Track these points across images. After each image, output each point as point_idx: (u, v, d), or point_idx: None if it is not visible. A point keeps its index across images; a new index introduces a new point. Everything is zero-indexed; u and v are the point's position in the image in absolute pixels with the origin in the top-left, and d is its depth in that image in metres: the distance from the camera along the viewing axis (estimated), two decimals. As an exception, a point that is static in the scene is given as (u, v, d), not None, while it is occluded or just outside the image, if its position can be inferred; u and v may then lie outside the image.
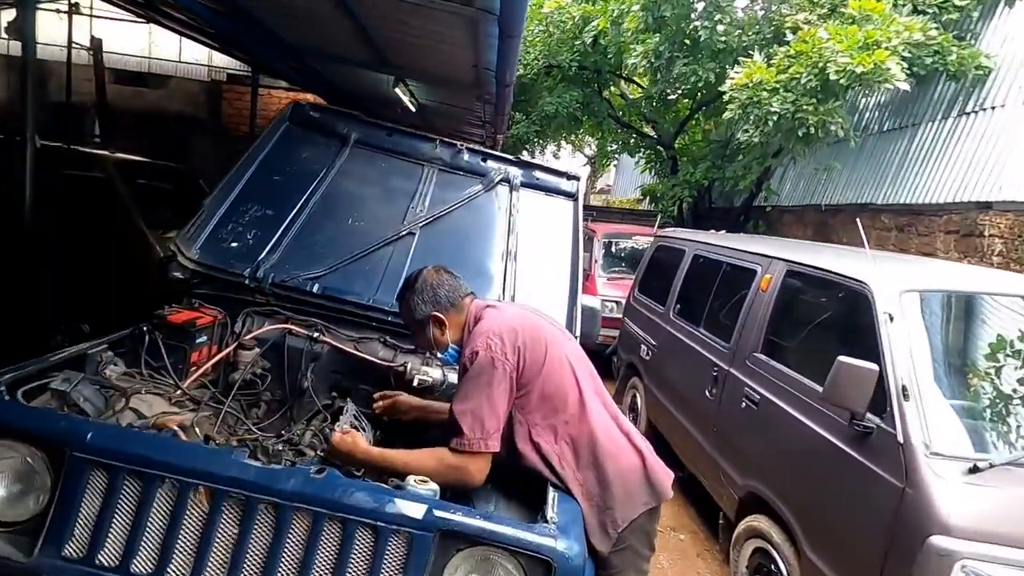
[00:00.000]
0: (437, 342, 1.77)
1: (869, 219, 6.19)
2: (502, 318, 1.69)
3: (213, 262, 2.25)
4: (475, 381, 1.58)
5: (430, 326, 1.75)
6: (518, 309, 1.82)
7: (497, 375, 1.57)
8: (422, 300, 1.75)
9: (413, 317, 1.77)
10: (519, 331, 1.64)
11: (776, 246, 3.45)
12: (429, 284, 1.76)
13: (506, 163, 2.78)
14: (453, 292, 1.78)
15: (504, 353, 1.59)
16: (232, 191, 2.43)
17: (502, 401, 1.58)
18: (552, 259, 2.60)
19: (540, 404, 1.63)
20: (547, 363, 1.64)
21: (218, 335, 2.16)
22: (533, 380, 1.62)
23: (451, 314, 1.76)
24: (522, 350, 1.62)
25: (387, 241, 2.46)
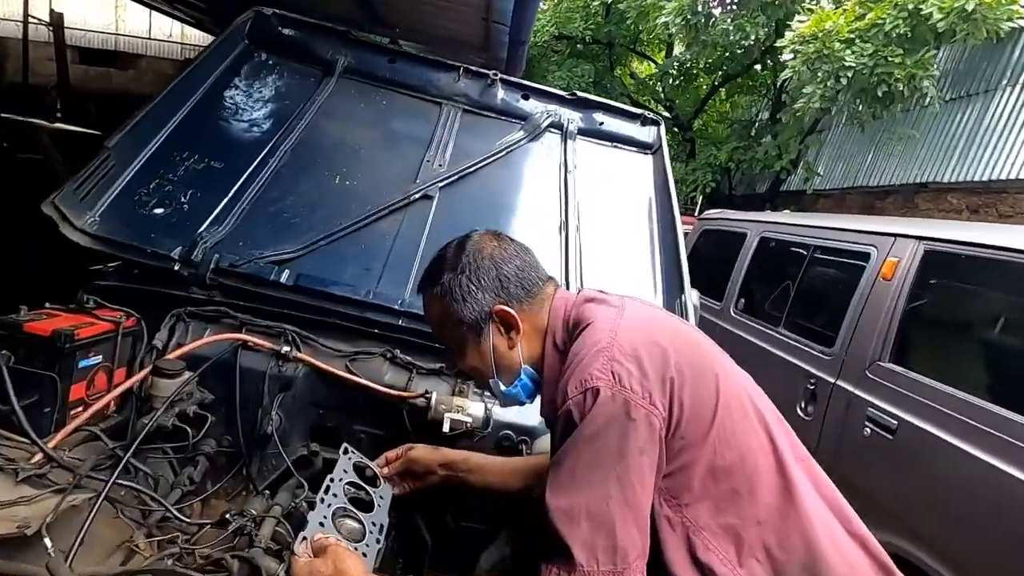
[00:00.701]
0: (499, 361, 1.00)
1: (931, 200, 5.47)
2: (629, 321, 0.91)
3: (121, 236, 1.44)
4: (591, 448, 0.81)
5: (488, 331, 0.98)
6: (644, 305, 1.03)
7: (635, 436, 0.80)
8: (475, 282, 0.97)
9: (456, 315, 0.99)
10: (666, 347, 0.87)
11: (898, 223, 2.68)
12: (486, 255, 0.99)
13: (556, 101, 1.99)
14: (527, 270, 1.01)
15: (646, 390, 0.82)
16: (156, 132, 1.62)
17: (644, 487, 0.81)
18: (631, 234, 1.82)
19: (709, 487, 0.85)
20: (720, 408, 0.86)
21: (125, 352, 1.35)
22: (698, 443, 0.85)
23: (526, 309, 0.99)
24: (677, 382, 0.84)
25: (392, 207, 1.66)
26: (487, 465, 1.23)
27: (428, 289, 1.02)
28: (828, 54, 3.84)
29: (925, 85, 3.90)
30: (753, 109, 8.18)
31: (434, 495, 1.27)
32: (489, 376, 1.01)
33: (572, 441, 0.82)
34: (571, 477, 0.81)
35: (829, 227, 2.91)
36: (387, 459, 1.21)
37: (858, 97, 4.18)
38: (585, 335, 0.90)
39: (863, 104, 4.26)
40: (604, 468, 0.79)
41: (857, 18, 3.89)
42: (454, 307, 0.98)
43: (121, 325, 1.29)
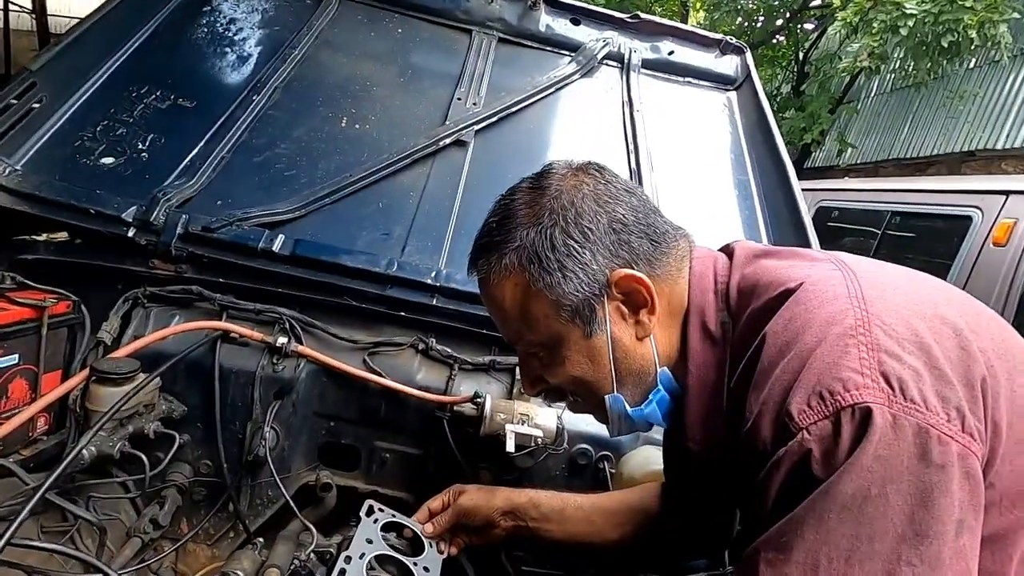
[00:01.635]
0: (624, 364, 0.62)
1: (980, 168, 5.06)
2: (872, 283, 0.52)
3: (56, 194, 1.05)
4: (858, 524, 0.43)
5: (604, 316, 0.60)
6: (874, 263, 0.64)
7: (948, 497, 0.42)
8: (576, 239, 0.59)
9: (549, 298, 0.60)
10: (960, 325, 0.49)
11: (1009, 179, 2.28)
12: (587, 196, 0.61)
13: (615, 25, 1.60)
14: (650, 218, 0.63)
15: (951, 408, 0.43)
16: (108, 59, 1.23)
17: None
18: (718, 189, 1.43)
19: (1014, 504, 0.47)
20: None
21: (55, 349, 0.97)
22: (1019, 497, 0.46)
23: (659, 274, 0.60)
24: (988, 390, 0.46)
25: (416, 155, 1.28)
26: (567, 510, 0.85)
27: (493, 259, 0.62)
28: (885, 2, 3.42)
29: (1002, 31, 3.47)
30: (774, 82, 7.76)
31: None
32: (606, 390, 0.63)
33: (813, 511, 0.44)
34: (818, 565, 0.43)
35: (911, 189, 2.50)
36: (430, 511, 0.83)
37: (914, 52, 3.76)
38: (797, 304, 0.51)
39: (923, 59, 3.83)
40: (885, 563, 0.41)
41: (920, -37, 3.49)
42: (545, 280, 0.59)
43: (46, 311, 0.91)
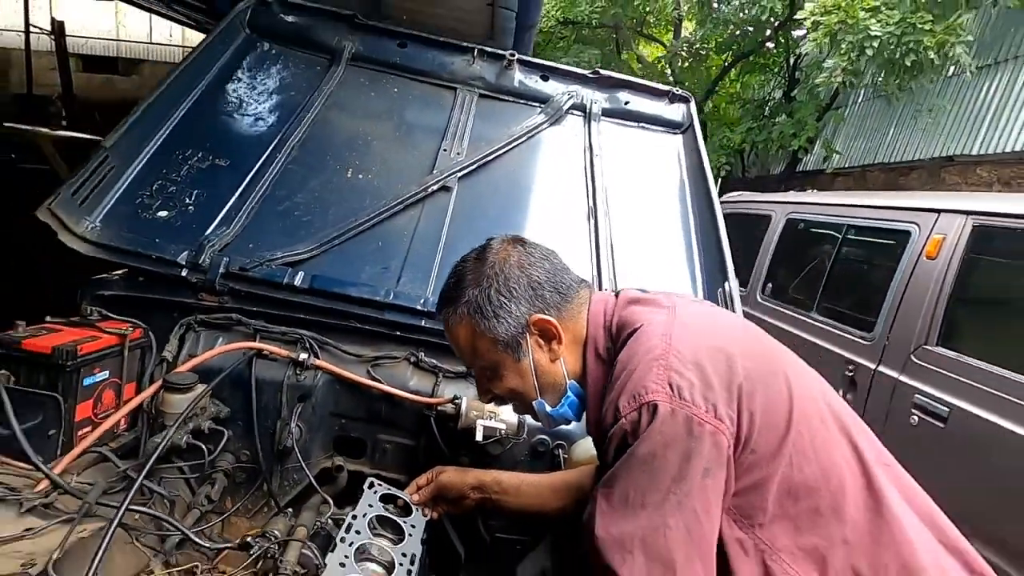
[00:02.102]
0: (542, 377, 0.90)
1: (959, 174, 5.27)
2: (683, 324, 0.80)
3: (124, 243, 1.35)
4: (648, 472, 0.71)
5: (527, 346, 0.87)
6: (700, 305, 0.93)
7: (700, 457, 0.70)
8: (506, 295, 0.87)
9: (488, 335, 0.89)
10: (731, 351, 0.77)
11: (940, 198, 2.53)
12: (513, 264, 0.89)
13: (578, 81, 1.87)
14: (559, 275, 0.91)
15: (709, 404, 0.71)
16: (158, 130, 1.52)
17: (710, 517, 0.71)
18: (663, 220, 1.70)
19: (787, 505, 0.75)
20: (795, 416, 0.76)
21: (133, 367, 1.26)
22: (771, 457, 0.74)
23: (564, 317, 0.89)
24: (743, 393, 0.73)
25: (409, 200, 1.56)
26: (522, 486, 1.13)
27: (450, 310, 0.91)
28: (852, 24, 3.67)
29: (958, 52, 3.72)
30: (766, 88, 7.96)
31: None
32: (532, 397, 0.91)
33: (625, 463, 0.72)
34: (624, 503, 0.71)
35: (864, 205, 2.76)
36: (417, 485, 1.11)
37: (884, 68, 4.00)
38: (634, 341, 0.79)
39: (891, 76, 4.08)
40: (662, 494, 0.69)
41: (881, -15, 3.73)
42: (484, 325, 0.87)
43: (127, 337, 1.20)
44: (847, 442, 0.78)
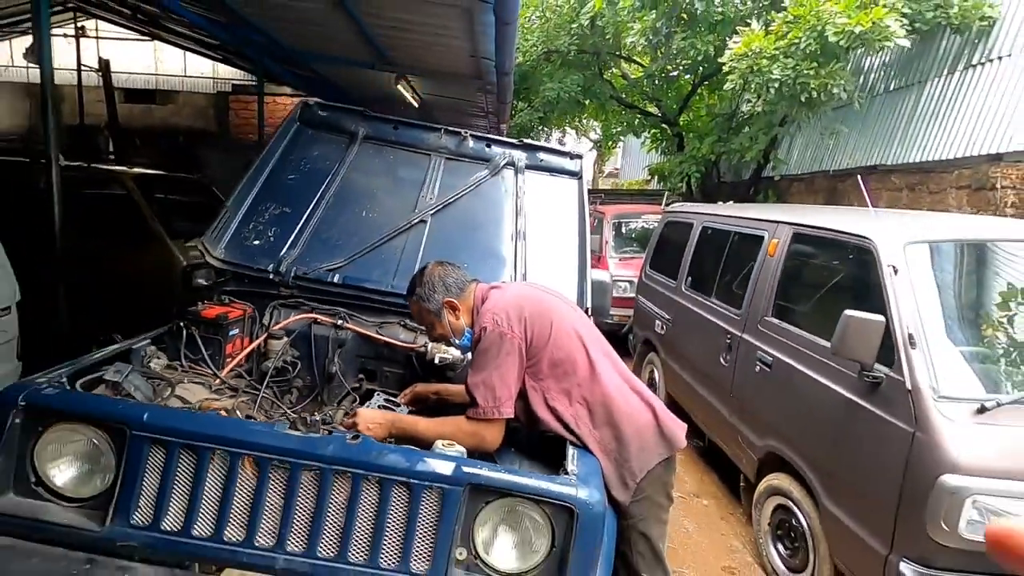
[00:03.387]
0: (453, 328, 1.86)
1: (879, 181, 6.15)
2: (506, 296, 1.78)
3: (239, 260, 2.38)
4: (485, 354, 1.68)
5: (444, 313, 1.85)
6: (521, 287, 1.91)
7: (505, 347, 1.67)
8: (432, 291, 1.85)
9: (427, 309, 1.86)
10: (524, 306, 1.74)
11: (781, 211, 3.48)
12: (436, 275, 1.87)
13: (510, 147, 2.86)
14: (459, 279, 1.89)
15: (510, 326, 1.69)
16: (251, 192, 2.55)
17: (512, 370, 1.68)
18: (560, 237, 2.68)
19: (552, 371, 1.73)
20: (554, 332, 1.73)
21: (248, 328, 2.29)
22: (542, 349, 1.72)
23: (461, 299, 1.86)
24: (528, 322, 1.71)
25: (400, 230, 2.56)
26: (457, 393, 2.11)
27: (409, 297, 1.91)
28: (757, 69, 4.60)
29: (836, 92, 4.65)
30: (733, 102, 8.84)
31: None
32: (450, 337, 1.90)
33: (477, 353, 1.71)
34: (477, 368, 1.69)
35: (741, 216, 3.72)
36: (403, 395, 2.11)
37: (788, 103, 4.93)
38: (485, 304, 1.78)
39: (793, 109, 5.01)
40: (490, 362, 1.67)
41: (779, 38, 4.64)
42: (424, 304, 1.86)
43: (246, 312, 2.23)
44: (580, 343, 1.75)
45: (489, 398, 1.64)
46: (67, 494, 1.43)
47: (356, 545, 1.40)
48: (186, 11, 5.38)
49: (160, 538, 1.37)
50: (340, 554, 1.39)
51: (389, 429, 1.70)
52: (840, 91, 4.65)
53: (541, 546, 1.44)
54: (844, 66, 4.60)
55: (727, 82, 5.03)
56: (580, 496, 1.43)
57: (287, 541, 1.39)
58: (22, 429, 1.41)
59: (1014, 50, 4.74)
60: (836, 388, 2.46)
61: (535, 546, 1.44)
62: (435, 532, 1.41)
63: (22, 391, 1.42)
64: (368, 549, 1.40)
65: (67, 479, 1.44)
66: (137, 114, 12.04)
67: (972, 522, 1.92)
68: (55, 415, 1.42)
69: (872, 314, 2.19)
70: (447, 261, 1.93)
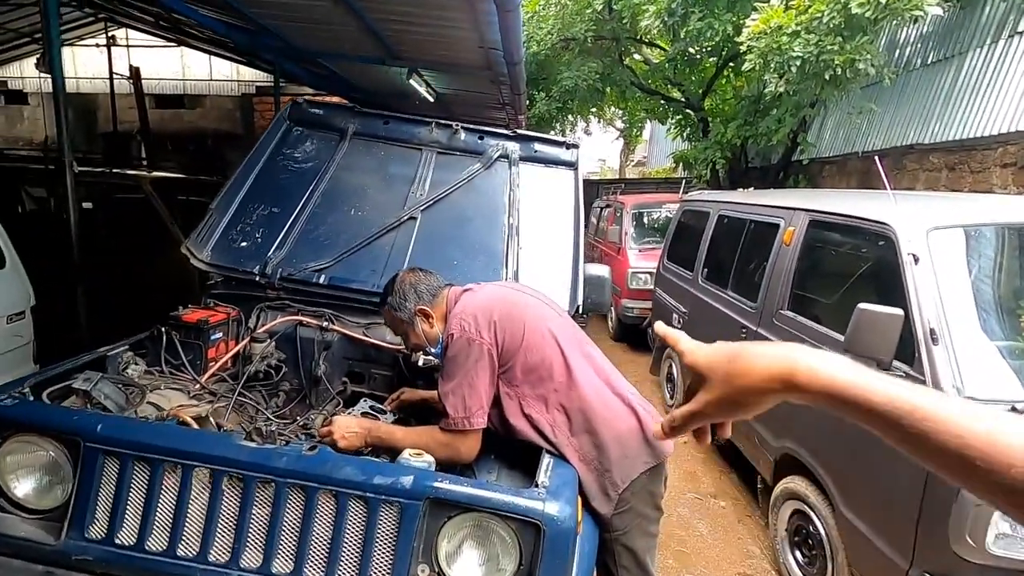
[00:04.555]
0: (427, 337, 1.78)
1: (916, 161, 5.78)
2: (476, 299, 1.69)
3: (224, 262, 2.35)
4: (454, 362, 1.60)
5: (417, 321, 1.77)
6: (495, 288, 1.81)
7: (473, 353, 1.58)
8: (404, 299, 1.77)
9: (400, 318, 1.79)
10: (493, 309, 1.64)
11: (797, 197, 3.27)
12: (407, 283, 1.79)
13: (504, 138, 2.75)
14: (431, 285, 1.80)
15: (479, 331, 1.59)
16: (237, 193, 2.52)
17: (483, 378, 1.58)
18: (554, 231, 2.56)
19: (526, 376, 1.63)
20: (526, 336, 1.63)
21: (233, 331, 2.26)
22: (514, 354, 1.62)
23: (434, 306, 1.78)
24: (497, 326, 1.61)
25: (388, 228, 2.49)
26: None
27: (382, 307, 1.84)
28: (777, 47, 4.33)
29: (862, 68, 4.33)
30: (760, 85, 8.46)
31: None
32: (424, 346, 1.82)
33: (446, 361, 1.61)
34: (447, 376, 1.60)
35: (755, 204, 3.51)
36: (391, 399, 2.04)
37: (813, 82, 4.64)
38: (454, 309, 1.69)
39: (818, 88, 4.71)
40: (459, 370, 1.58)
41: (800, 12, 4.36)
42: (396, 313, 1.78)
43: (231, 314, 2.20)
44: (556, 346, 1.64)
45: (460, 408, 1.55)
46: (28, 505, 1.42)
47: (312, 561, 1.34)
48: (197, 14, 5.44)
49: (114, 552, 1.34)
50: (295, 570, 1.33)
51: (365, 438, 1.63)
52: (868, 67, 4.34)
53: (508, 564, 1.35)
54: (871, 40, 4.28)
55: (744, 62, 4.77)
56: (547, 511, 1.33)
57: (241, 557, 1.34)
58: (-19, 441, 1.40)
59: (1065, 13, 4.34)
60: (852, 387, 2.27)
61: (501, 564, 1.35)
62: (394, 548, 1.33)
63: (-19, 402, 1.41)
64: (325, 565, 1.34)
65: (27, 491, 1.42)
66: (167, 119, 12.39)
67: (1002, 536, 1.74)
68: (13, 426, 1.40)
69: (889, 307, 2.01)
70: (419, 268, 1.85)
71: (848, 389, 0.51)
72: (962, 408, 0.46)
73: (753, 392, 0.58)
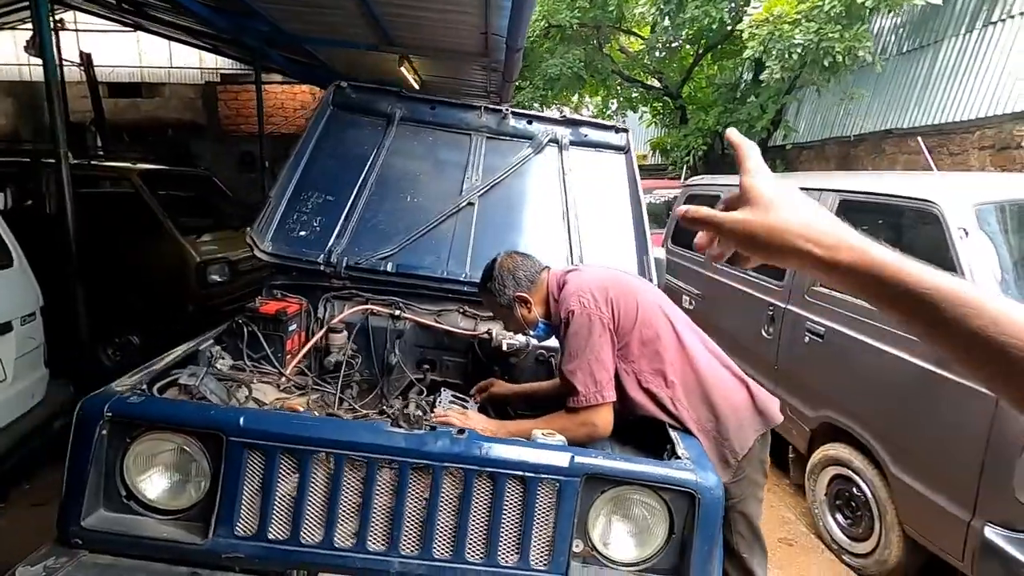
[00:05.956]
0: (526, 320, 1.80)
1: (895, 144, 6.09)
2: (587, 277, 1.71)
3: (287, 252, 2.27)
4: (577, 338, 1.61)
5: (516, 307, 1.79)
6: (599, 268, 1.84)
7: (596, 328, 1.60)
8: (503, 285, 1.78)
9: (498, 303, 1.81)
10: (608, 286, 1.67)
11: (821, 179, 3.41)
12: (506, 269, 1.80)
13: (552, 123, 2.75)
14: (530, 270, 1.81)
15: (598, 307, 1.62)
16: (291, 181, 2.44)
17: (607, 351, 1.61)
18: (613, 214, 2.60)
19: (642, 351, 1.66)
20: (640, 311, 1.66)
21: (304, 323, 2.19)
22: (630, 330, 1.65)
23: (533, 291, 1.79)
24: (615, 302, 1.64)
25: (449, 213, 2.47)
26: (536, 388, 2.02)
27: (482, 291, 1.85)
28: (779, 35, 4.49)
29: (862, 55, 4.55)
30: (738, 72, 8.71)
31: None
32: (524, 329, 1.83)
33: (568, 338, 1.63)
34: (570, 355, 1.62)
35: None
36: (478, 389, 2.02)
37: (810, 68, 4.84)
38: (566, 288, 1.71)
39: (816, 73, 4.92)
40: (584, 346, 1.60)
41: (801, 1, 4.53)
42: (496, 299, 1.80)
43: (301, 306, 2.13)
44: (667, 321, 1.68)
45: (590, 383, 1.57)
46: (160, 507, 1.36)
47: (472, 544, 1.34)
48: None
49: (268, 547, 1.30)
50: (456, 554, 1.33)
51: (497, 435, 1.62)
52: (866, 53, 4.55)
53: (660, 533, 1.38)
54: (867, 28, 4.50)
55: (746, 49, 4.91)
56: (700, 481, 1.37)
57: (400, 544, 1.32)
58: (109, 441, 1.33)
59: (1037, 5, 4.66)
60: (906, 357, 2.41)
61: (653, 533, 1.38)
62: (553, 525, 1.35)
63: (106, 401, 1.33)
64: (484, 547, 1.34)
65: (160, 491, 1.36)
66: (123, 108, 11.70)
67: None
68: (143, 425, 1.33)
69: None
70: (517, 252, 1.85)
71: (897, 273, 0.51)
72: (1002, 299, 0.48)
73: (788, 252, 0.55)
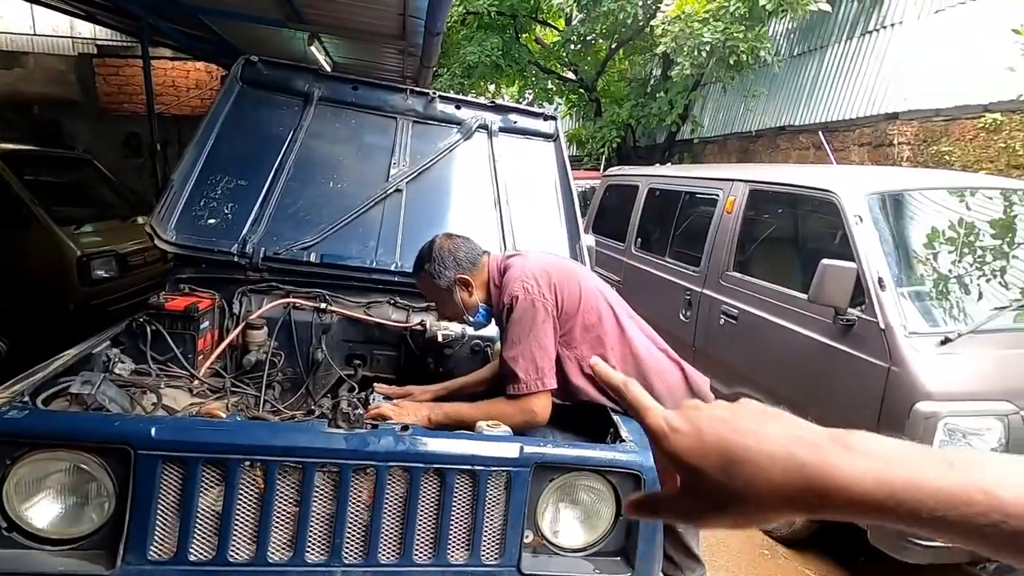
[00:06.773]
0: (466, 305, 1.74)
1: (788, 140, 6.61)
2: (530, 263, 1.69)
3: (195, 241, 2.06)
4: (519, 324, 1.59)
5: (456, 290, 1.72)
6: (541, 254, 1.82)
7: (540, 315, 1.59)
8: (443, 266, 1.71)
9: (437, 286, 1.72)
10: (551, 272, 1.66)
11: (733, 170, 3.62)
12: (446, 250, 1.73)
13: (481, 108, 2.69)
14: (471, 252, 1.76)
15: (542, 293, 1.60)
16: (196, 163, 2.20)
17: (549, 338, 1.60)
18: (544, 201, 2.59)
19: (584, 337, 1.67)
20: (583, 297, 1.67)
21: (216, 319, 2.00)
22: (573, 315, 1.65)
23: (474, 274, 1.74)
24: (558, 288, 1.63)
25: (376, 200, 2.34)
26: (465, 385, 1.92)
27: (418, 273, 1.76)
28: (690, 32, 4.72)
29: (763, 55, 4.91)
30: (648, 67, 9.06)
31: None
32: (463, 315, 1.77)
33: (510, 324, 1.60)
34: (512, 341, 1.59)
35: (693, 177, 3.83)
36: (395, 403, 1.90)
37: (717, 65, 5.13)
38: (508, 273, 1.67)
39: (722, 70, 5.23)
40: (526, 332, 1.58)
41: (710, 1, 4.79)
42: (434, 281, 1.72)
43: (213, 301, 1.94)
44: (608, 307, 1.70)
45: (531, 370, 1.55)
46: (52, 536, 1.17)
47: (420, 544, 1.28)
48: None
49: (190, 571, 1.16)
50: (403, 556, 1.27)
51: (429, 418, 1.56)
52: (767, 54, 4.90)
53: (607, 516, 1.40)
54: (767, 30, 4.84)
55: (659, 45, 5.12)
56: (644, 462, 1.40)
57: (342, 551, 1.24)
58: (-15, 464, 1.13)
59: (906, 17, 5.22)
60: (809, 334, 2.62)
61: (601, 517, 1.40)
62: (503, 518, 1.32)
63: (-22, 418, 1.13)
64: (433, 546, 1.29)
65: (51, 519, 1.17)
66: (-25, 81, 10.13)
67: (942, 443, 2.14)
68: (28, 443, 1.14)
69: (845, 262, 2.34)
70: (455, 233, 1.78)
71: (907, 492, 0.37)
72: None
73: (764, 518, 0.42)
